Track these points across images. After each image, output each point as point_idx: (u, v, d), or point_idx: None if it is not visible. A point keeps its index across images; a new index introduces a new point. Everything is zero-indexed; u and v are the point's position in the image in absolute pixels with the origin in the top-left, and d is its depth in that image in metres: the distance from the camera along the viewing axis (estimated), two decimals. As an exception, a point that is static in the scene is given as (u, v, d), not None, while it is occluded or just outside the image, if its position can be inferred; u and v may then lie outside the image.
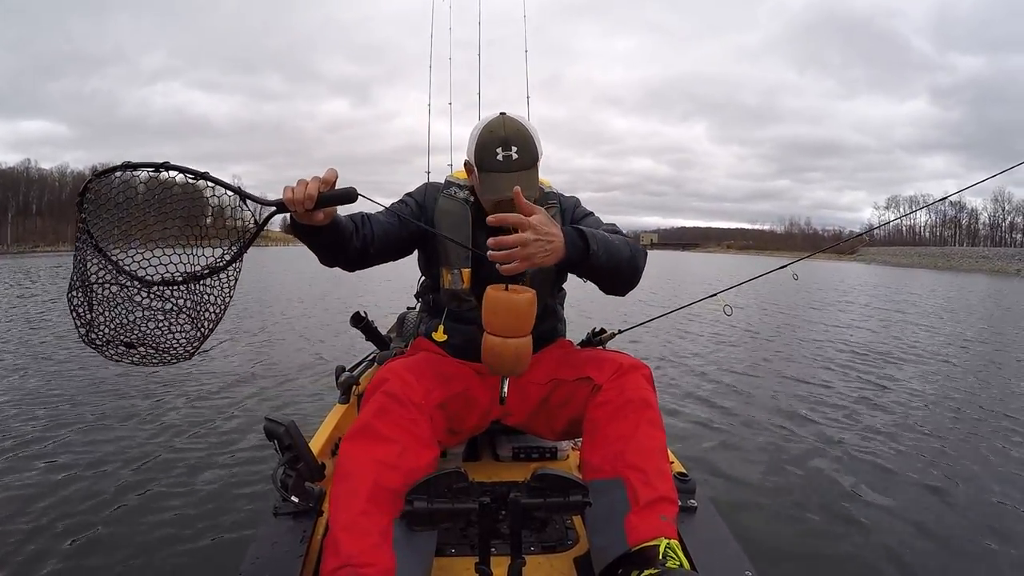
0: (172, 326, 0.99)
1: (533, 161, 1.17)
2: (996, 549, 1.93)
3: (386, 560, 0.88)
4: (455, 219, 1.28)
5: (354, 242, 1.13)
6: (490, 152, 1.15)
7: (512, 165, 1.15)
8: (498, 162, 1.15)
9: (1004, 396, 4.03)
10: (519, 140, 1.15)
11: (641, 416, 1.06)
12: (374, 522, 0.91)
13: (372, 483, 0.94)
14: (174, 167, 0.94)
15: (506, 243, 0.97)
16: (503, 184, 1.14)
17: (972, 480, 2.50)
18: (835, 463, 2.65)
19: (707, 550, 1.04)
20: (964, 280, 25.87)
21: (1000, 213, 79.20)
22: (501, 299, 1.01)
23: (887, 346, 6.02)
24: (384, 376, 1.07)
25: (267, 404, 3.41)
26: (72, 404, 3.36)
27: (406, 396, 1.03)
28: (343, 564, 0.87)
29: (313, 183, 0.96)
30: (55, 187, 62.28)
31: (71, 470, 2.39)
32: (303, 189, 0.95)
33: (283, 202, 0.97)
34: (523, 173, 1.15)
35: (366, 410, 1.03)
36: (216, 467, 2.45)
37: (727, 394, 3.88)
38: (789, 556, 1.87)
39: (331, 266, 1.19)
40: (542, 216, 1.00)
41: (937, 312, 10.03)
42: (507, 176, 1.15)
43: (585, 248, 1.05)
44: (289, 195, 0.96)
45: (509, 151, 1.15)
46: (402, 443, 0.99)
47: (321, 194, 0.97)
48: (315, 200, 0.96)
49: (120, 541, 1.85)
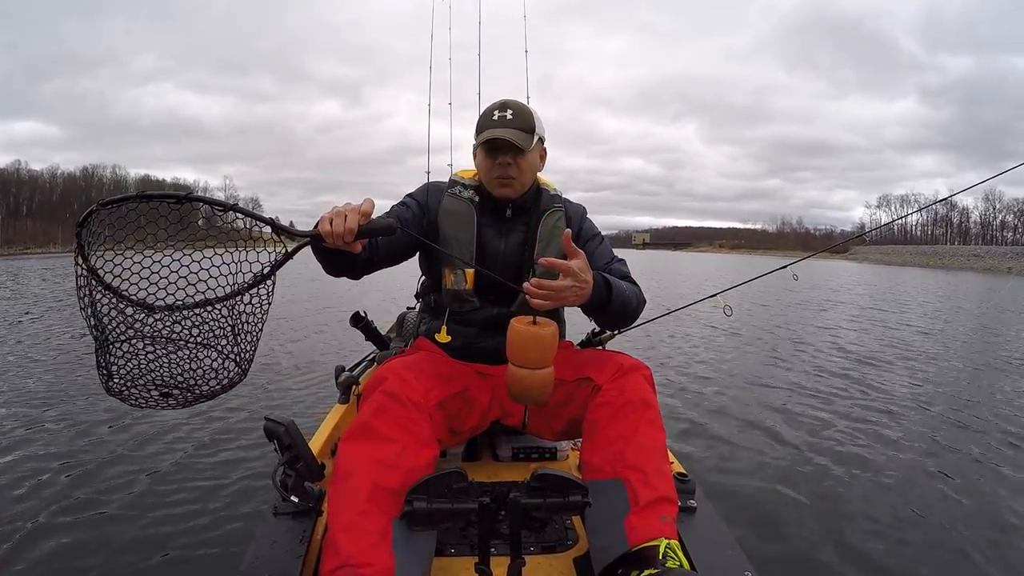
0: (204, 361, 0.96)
1: (528, 127, 1.24)
2: (996, 549, 1.93)
3: (385, 560, 0.88)
4: (460, 218, 1.28)
5: (362, 254, 1.13)
6: (488, 115, 1.25)
7: (504, 123, 1.22)
8: (493, 120, 1.24)
9: (1009, 399, 4.03)
10: (515, 107, 1.25)
11: (641, 417, 1.06)
12: (373, 522, 0.90)
13: (371, 483, 0.93)
14: (198, 199, 0.90)
15: (550, 287, 1.01)
16: (492, 131, 1.22)
17: (972, 480, 2.50)
18: (835, 463, 2.65)
19: (707, 550, 1.04)
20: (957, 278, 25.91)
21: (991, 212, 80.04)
22: (529, 333, 1.01)
23: (886, 346, 6.02)
24: (382, 375, 1.07)
25: (267, 404, 3.41)
26: (70, 404, 3.36)
27: (405, 395, 1.02)
28: (342, 564, 0.87)
29: (352, 216, 0.95)
30: (46, 188, 62.12)
31: (70, 470, 2.39)
32: (342, 222, 0.94)
33: (320, 235, 0.95)
34: (516, 130, 1.22)
35: (365, 409, 1.03)
36: (216, 467, 2.45)
37: (726, 394, 3.87)
38: (789, 556, 1.87)
39: (338, 276, 1.19)
40: (582, 262, 1.05)
41: (935, 312, 10.03)
42: (501, 129, 1.21)
43: (608, 298, 1.13)
44: (327, 228, 0.95)
45: (504, 112, 1.24)
46: (401, 442, 0.98)
47: (360, 227, 0.95)
48: (354, 234, 0.95)
49: (120, 541, 1.85)
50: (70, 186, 64.12)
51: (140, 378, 0.94)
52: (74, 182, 64.81)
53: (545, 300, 1.02)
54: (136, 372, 0.94)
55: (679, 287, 14.57)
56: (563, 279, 1.03)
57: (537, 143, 1.27)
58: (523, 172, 1.26)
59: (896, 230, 71.16)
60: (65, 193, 62.96)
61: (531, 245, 1.31)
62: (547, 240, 1.31)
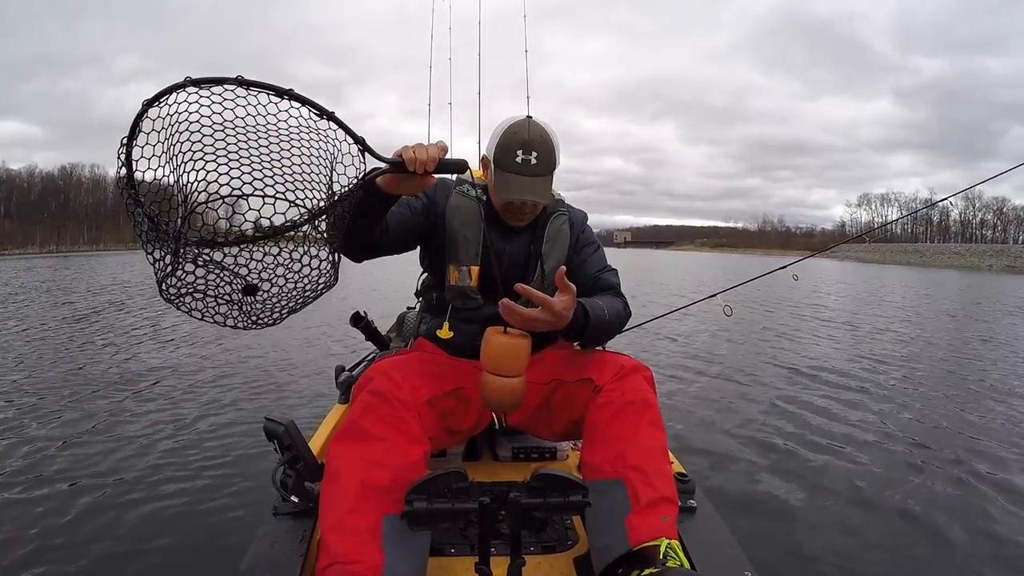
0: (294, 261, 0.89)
1: (550, 169, 1.19)
2: (996, 549, 1.93)
3: (373, 556, 0.89)
4: (467, 216, 1.29)
5: (378, 229, 1.14)
6: (510, 153, 1.17)
7: (530, 170, 1.17)
8: (516, 164, 1.16)
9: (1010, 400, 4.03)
10: (540, 146, 1.17)
11: (642, 417, 1.06)
12: (362, 520, 0.91)
13: (360, 482, 0.94)
14: (297, 97, 0.84)
15: (521, 314, 0.99)
16: (517, 186, 1.17)
17: (974, 479, 2.50)
18: (835, 463, 2.65)
19: (707, 550, 1.04)
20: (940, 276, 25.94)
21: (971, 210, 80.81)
22: (503, 343, 1.02)
23: (885, 347, 6.02)
24: (369, 376, 1.07)
25: (267, 404, 3.41)
26: (69, 404, 3.36)
27: (391, 394, 1.03)
28: (332, 562, 0.88)
29: (434, 148, 0.96)
30: (24, 188, 61.18)
31: (69, 470, 2.39)
32: (425, 151, 0.95)
33: (402, 161, 0.95)
34: (538, 179, 1.18)
35: (353, 410, 1.04)
36: (216, 467, 2.45)
37: (726, 394, 3.87)
38: (789, 556, 1.87)
39: (352, 247, 1.15)
40: (568, 301, 1.03)
41: (934, 313, 10.03)
42: (523, 180, 1.17)
43: (584, 325, 1.12)
44: (411, 155, 0.95)
45: (529, 155, 1.16)
46: (389, 440, 0.99)
47: (440, 160, 0.97)
48: (436, 163, 0.96)
49: (119, 541, 1.85)
50: (48, 185, 63.09)
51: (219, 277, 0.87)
52: (52, 181, 63.74)
53: (513, 323, 1.01)
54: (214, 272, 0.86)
55: (675, 287, 14.56)
56: (541, 312, 1.01)
57: None
58: (539, 209, 1.28)
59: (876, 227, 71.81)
60: (43, 193, 62.00)
61: (538, 244, 1.31)
62: (553, 240, 1.32)
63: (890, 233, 75.39)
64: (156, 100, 0.79)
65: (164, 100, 0.79)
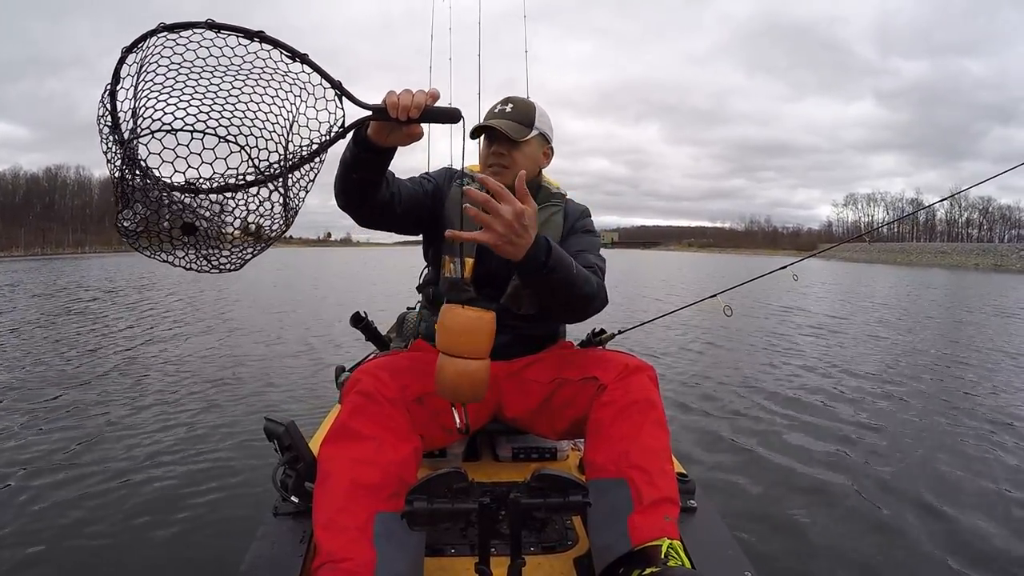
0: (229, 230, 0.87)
1: (526, 120, 1.27)
2: (996, 548, 1.93)
3: (365, 553, 0.89)
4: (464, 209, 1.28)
5: (385, 191, 1.12)
6: (492, 109, 1.31)
7: (501, 115, 1.27)
8: (494, 112, 1.30)
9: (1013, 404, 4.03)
10: (518, 102, 1.30)
11: (646, 417, 1.06)
12: (351, 518, 0.92)
13: (349, 481, 0.94)
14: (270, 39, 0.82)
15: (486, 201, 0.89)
16: (491, 119, 1.27)
17: (975, 480, 2.50)
18: (834, 463, 2.65)
19: (707, 550, 1.04)
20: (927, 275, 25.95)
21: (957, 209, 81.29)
22: (461, 315, 0.92)
23: (886, 347, 6.02)
24: (357, 377, 1.07)
25: (267, 404, 3.41)
26: (68, 404, 3.36)
27: (379, 393, 1.03)
28: (323, 561, 0.88)
29: (420, 93, 0.89)
30: (8, 190, 60.56)
31: (69, 470, 2.39)
32: (410, 97, 0.88)
33: (384, 108, 0.87)
34: (511, 122, 1.26)
35: (342, 412, 1.04)
36: (216, 467, 2.45)
37: (726, 394, 3.88)
38: (788, 556, 1.87)
39: (352, 205, 1.13)
40: (530, 211, 0.93)
41: (932, 314, 10.03)
42: (497, 119, 1.26)
43: (544, 262, 0.99)
44: (394, 99, 0.88)
45: (506, 106, 1.29)
46: (378, 438, 0.99)
47: (427, 107, 0.88)
48: (421, 110, 0.88)
49: (119, 541, 1.85)
50: (33, 187, 62.42)
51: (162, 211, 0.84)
52: (37, 183, 63.13)
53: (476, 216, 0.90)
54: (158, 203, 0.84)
55: (671, 288, 14.56)
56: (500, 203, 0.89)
57: (537, 137, 1.30)
58: (516, 162, 1.26)
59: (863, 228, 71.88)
60: (28, 194, 61.39)
61: None
62: (542, 228, 1.30)
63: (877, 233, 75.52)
64: (134, 46, 0.81)
65: (140, 46, 0.81)
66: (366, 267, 19.95)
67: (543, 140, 1.32)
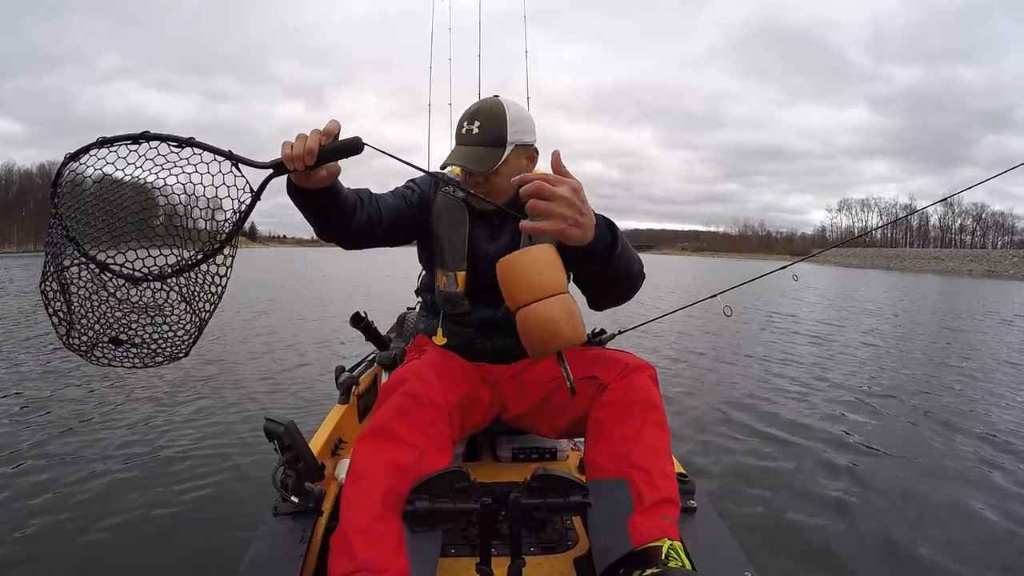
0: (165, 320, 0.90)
1: (494, 140, 1.15)
2: (995, 549, 1.93)
3: (401, 564, 0.87)
4: (453, 220, 1.27)
5: (358, 215, 1.10)
6: (460, 125, 1.19)
7: (470, 139, 1.16)
8: (460, 134, 1.18)
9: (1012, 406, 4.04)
10: (485, 117, 1.16)
11: (647, 417, 1.05)
12: (389, 526, 0.89)
13: (385, 487, 0.91)
14: (155, 136, 0.84)
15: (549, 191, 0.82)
16: (454, 155, 1.16)
17: (974, 479, 2.50)
18: (834, 463, 2.65)
19: (707, 551, 1.04)
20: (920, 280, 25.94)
21: (950, 215, 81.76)
22: (532, 255, 0.86)
23: (886, 347, 6.03)
24: (403, 376, 1.04)
25: (267, 404, 3.41)
26: (69, 403, 3.36)
27: (426, 396, 1.00)
28: (359, 568, 0.84)
29: (313, 136, 0.87)
30: (1, 185, 59.93)
31: (69, 470, 2.39)
32: (302, 144, 0.86)
33: (281, 161, 0.87)
34: (475, 148, 1.15)
35: (384, 409, 1.00)
36: (215, 467, 2.44)
37: (725, 394, 3.88)
38: (789, 556, 1.87)
39: (328, 238, 1.13)
40: (581, 188, 0.88)
41: (930, 316, 10.04)
42: (460, 148, 1.16)
43: (612, 243, 0.96)
44: (288, 151, 0.87)
45: (472, 125, 1.16)
46: (420, 447, 0.96)
47: (322, 147, 0.86)
48: (315, 155, 0.86)
49: (119, 541, 1.85)
50: (26, 183, 61.33)
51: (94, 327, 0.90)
52: (31, 179, 61.85)
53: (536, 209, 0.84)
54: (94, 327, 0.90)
55: (670, 288, 14.57)
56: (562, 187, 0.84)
57: (514, 151, 1.17)
58: (497, 185, 1.19)
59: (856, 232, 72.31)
60: (21, 191, 60.50)
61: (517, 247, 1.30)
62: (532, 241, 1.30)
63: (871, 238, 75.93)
64: (76, 156, 0.85)
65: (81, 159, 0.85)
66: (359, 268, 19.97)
67: (523, 148, 1.20)
